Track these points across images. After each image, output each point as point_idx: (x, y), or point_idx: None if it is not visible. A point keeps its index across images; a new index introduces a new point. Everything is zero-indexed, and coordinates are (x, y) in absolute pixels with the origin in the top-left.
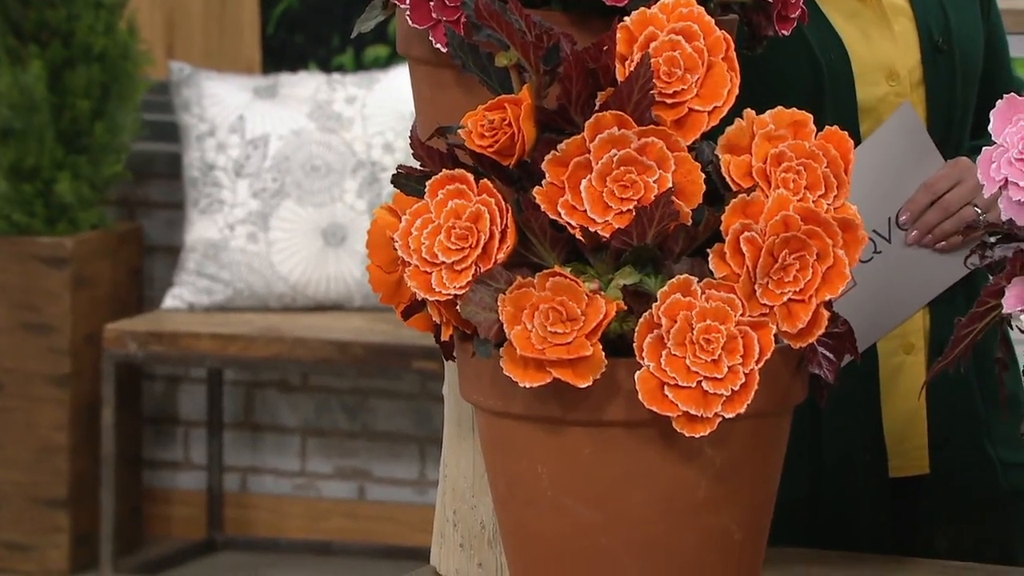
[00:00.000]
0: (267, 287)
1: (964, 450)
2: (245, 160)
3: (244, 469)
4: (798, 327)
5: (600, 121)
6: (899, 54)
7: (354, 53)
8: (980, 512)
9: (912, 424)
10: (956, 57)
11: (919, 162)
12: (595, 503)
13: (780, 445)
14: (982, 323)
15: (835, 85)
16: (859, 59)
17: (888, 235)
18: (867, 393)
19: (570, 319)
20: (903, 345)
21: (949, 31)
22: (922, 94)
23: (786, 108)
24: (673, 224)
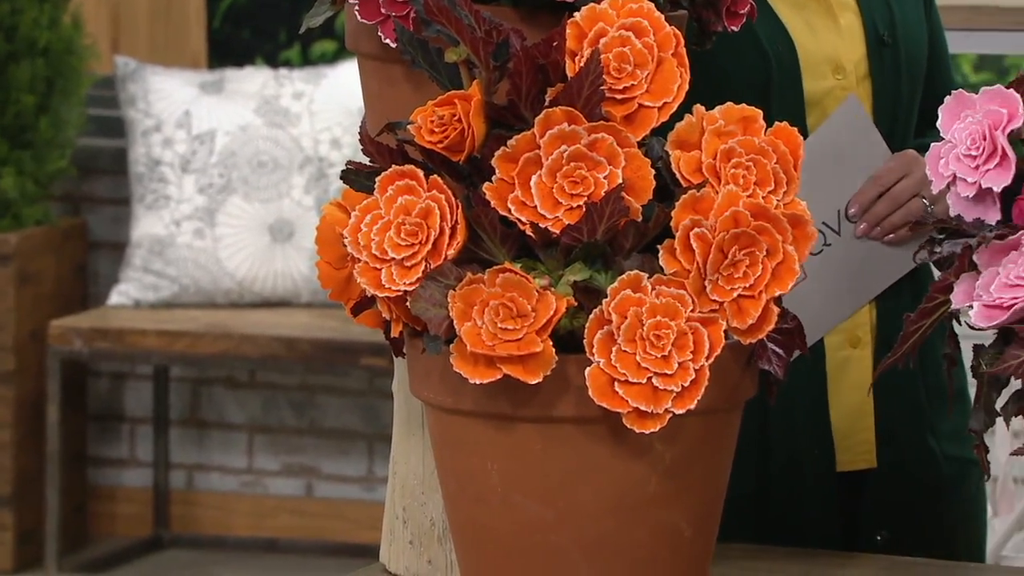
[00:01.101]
0: (214, 283)
1: (909, 444)
2: (191, 155)
3: (190, 466)
4: (748, 323)
5: (550, 117)
6: (845, 47)
7: (301, 48)
8: (924, 505)
9: (859, 418)
10: (901, 51)
11: (866, 154)
12: (545, 500)
13: (730, 441)
14: (931, 319)
15: (782, 78)
16: (806, 52)
17: (837, 228)
18: (814, 388)
19: (520, 315)
20: (850, 339)
21: (894, 25)
22: (868, 87)
23: (734, 101)
24: (623, 220)
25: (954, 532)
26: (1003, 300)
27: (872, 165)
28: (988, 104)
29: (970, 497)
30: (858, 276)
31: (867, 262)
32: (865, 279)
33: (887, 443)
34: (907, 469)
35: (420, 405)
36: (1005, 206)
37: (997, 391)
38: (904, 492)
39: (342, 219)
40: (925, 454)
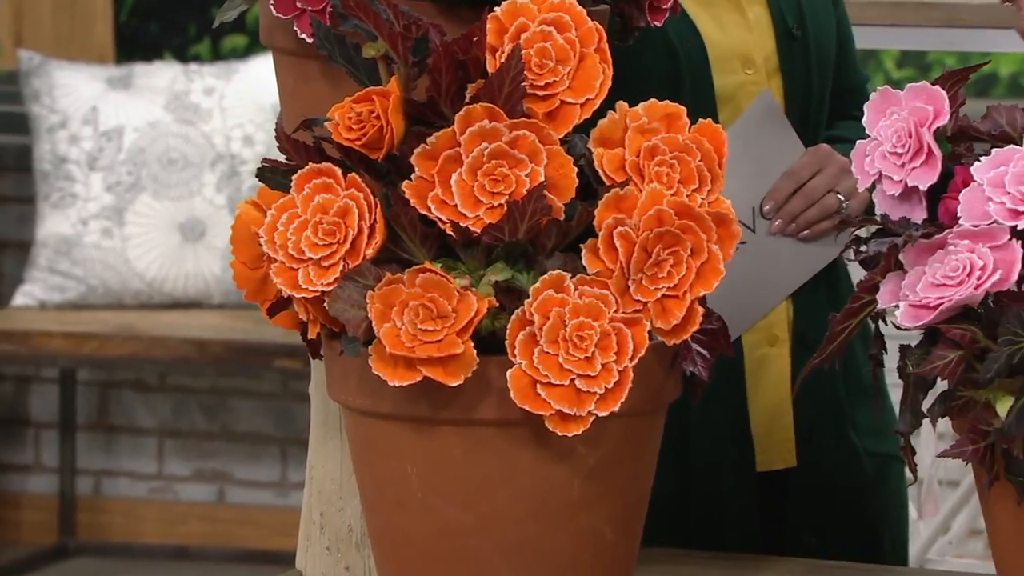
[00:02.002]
0: (122, 284)
1: (830, 441)
2: (99, 153)
3: (98, 472)
4: (672, 323)
5: (470, 114)
6: (754, 41)
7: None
8: (848, 502)
9: (778, 417)
10: (810, 44)
11: (780, 150)
12: (466, 504)
13: (653, 444)
14: (857, 319)
15: (692, 73)
16: (715, 47)
17: (753, 224)
18: (733, 387)
19: (440, 316)
20: (767, 337)
21: (803, 17)
22: (779, 82)
23: (645, 98)
24: (545, 219)
25: (878, 528)
26: (930, 300)
27: (786, 161)
28: (914, 101)
29: (892, 492)
30: (774, 273)
31: (783, 259)
32: (781, 276)
33: (809, 441)
34: (830, 467)
35: (338, 408)
36: (931, 205)
37: (923, 392)
38: (827, 490)
39: (257, 218)
40: (847, 451)
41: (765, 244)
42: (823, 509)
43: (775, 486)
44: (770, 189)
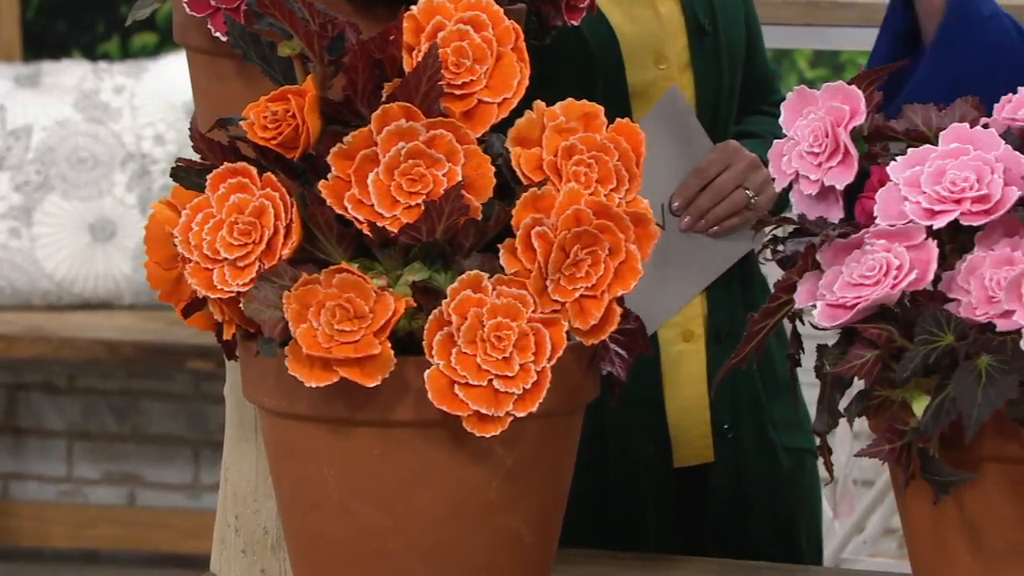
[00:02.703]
0: (31, 284)
1: (748, 437)
2: (6, 152)
3: (6, 475)
4: (590, 324)
5: (387, 113)
6: (666, 37)
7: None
8: (766, 497)
9: (695, 413)
10: (722, 40)
11: (689, 146)
12: (383, 506)
13: (571, 444)
14: (774, 318)
15: (605, 69)
16: (627, 42)
17: (662, 221)
18: (649, 383)
19: (357, 317)
20: (683, 333)
21: (714, 13)
22: (690, 77)
23: (559, 94)
24: (463, 219)
25: (796, 522)
26: (846, 299)
27: (695, 157)
28: (830, 101)
29: (808, 486)
30: (685, 270)
31: (694, 255)
32: (693, 272)
33: (726, 436)
34: (748, 462)
35: (253, 409)
36: (848, 204)
37: (840, 391)
38: (746, 485)
39: (172, 218)
40: (765, 446)
41: (675, 240)
42: (742, 504)
43: (694, 482)
44: (679, 186)
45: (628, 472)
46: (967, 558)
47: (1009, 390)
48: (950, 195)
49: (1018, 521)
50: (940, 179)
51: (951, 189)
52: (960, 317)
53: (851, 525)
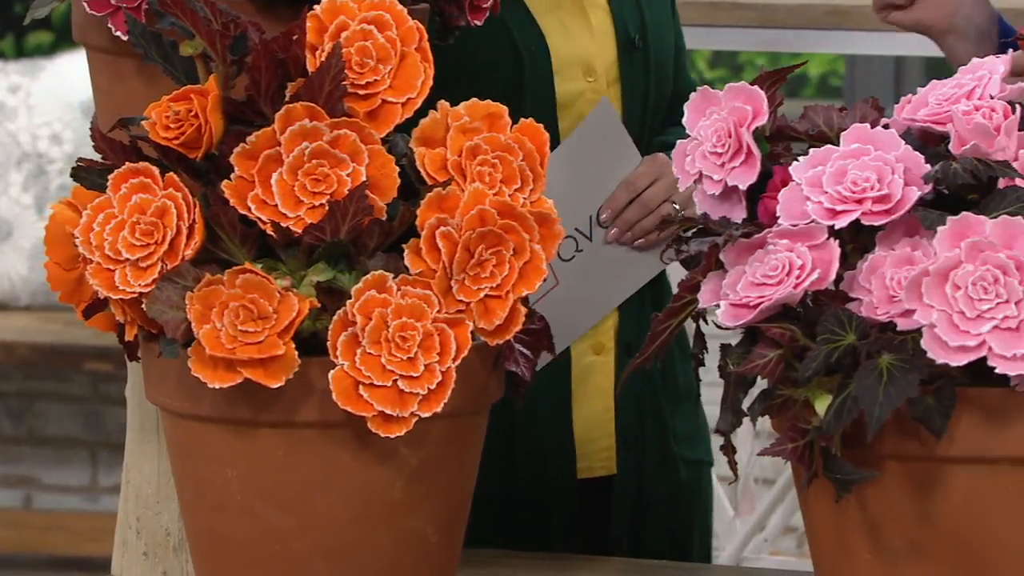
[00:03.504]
0: None
1: (650, 449)
2: None
3: None
4: (495, 323)
5: (291, 113)
6: (596, 49)
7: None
8: (665, 509)
9: (600, 425)
10: (651, 54)
11: (618, 159)
12: (287, 507)
13: (476, 444)
14: (678, 318)
15: (534, 78)
16: (558, 53)
17: (590, 233)
18: (558, 394)
19: (261, 317)
20: (593, 345)
21: (644, 28)
22: (618, 90)
23: (489, 97)
24: (367, 219)
25: (690, 534)
26: (749, 299)
27: (624, 170)
28: (733, 101)
29: (704, 497)
30: (608, 281)
31: (617, 267)
32: (614, 284)
33: (629, 449)
34: (649, 474)
35: (155, 411)
36: (751, 204)
37: (744, 391)
38: (647, 496)
39: (72, 218)
40: (666, 459)
41: (601, 253)
42: (642, 515)
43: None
44: (608, 198)
45: (535, 479)
46: (868, 556)
47: (910, 388)
48: (851, 195)
49: (918, 519)
50: (841, 179)
51: (852, 189)
52: (862, 316)
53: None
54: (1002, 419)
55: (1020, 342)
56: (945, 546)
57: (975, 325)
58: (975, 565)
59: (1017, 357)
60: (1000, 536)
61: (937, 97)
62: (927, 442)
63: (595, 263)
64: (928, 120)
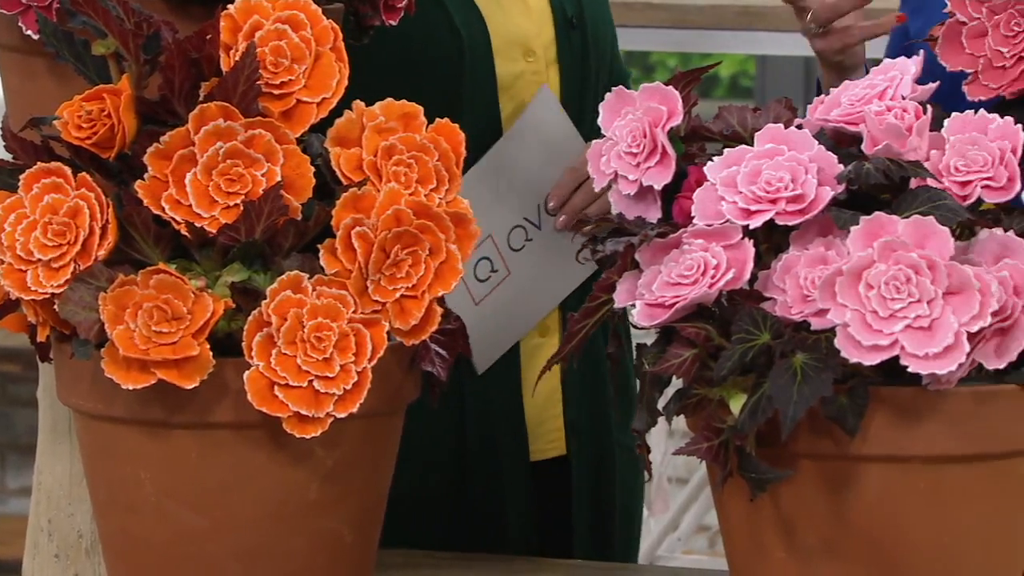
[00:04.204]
0: None
1: (595, 435)
2: None
3: None
4: (411, 324)
5: (205, 113)
6: (534, 29)
7: None
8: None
9: (549, 407)
10: (588, 35)
11: (562, 146)
12: (201, 508)
13: (392, 445)
14: (594, 318)
15: (474, 60)
16: (497, 34)
17: (538, 222)
18: (508, 376)
19: (175, 318)
20: (539, 328)
21: (581, 8)
22: (556, 71)
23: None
24: (282, 219)
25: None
26: (665, 299)
27: (568, 155)
28: (648, 101)
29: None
30: (561, 268)
31: (568, 254)
32: (567, 270)
33: (576, 434)
34: (594, 460)
35: (68, 412)
36: (666, 204)
37: (659, 390)
38: (592, 483)
39: None
40: (609, 445)
41: (551, 240)
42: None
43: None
44: (554, 185)
45: (488, 463)
46: (782, 555)
47: (824, 388)
48: (766, 195)
49: (832, 518)
50: (756, 179)
51: (766, 189)
52: (776, 316)
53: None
54: (914, 418)
55: (932, 341)
56: (858, 544)
57: (888, 324)
58: (887, 563)
59: (929, 356)
60: (912, 534)
61: (850, 98)
62: (840, 441)
63: (546, 251)
64: (841, 120)
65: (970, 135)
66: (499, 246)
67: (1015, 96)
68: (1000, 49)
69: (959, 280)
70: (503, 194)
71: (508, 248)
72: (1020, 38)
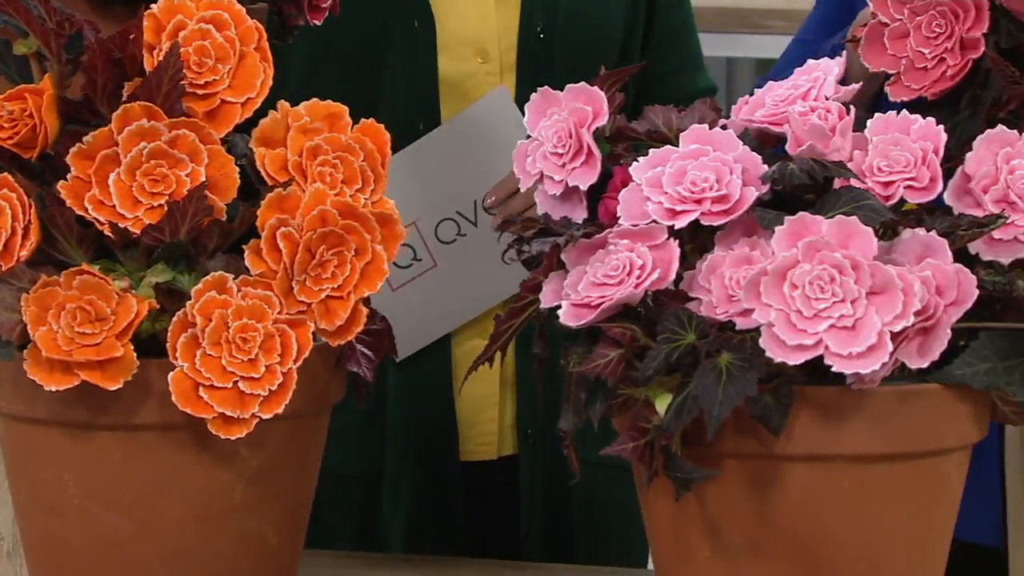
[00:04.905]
0: None
1: (546, 437)
2: None
3: None
4: (336, 324)
5: (128, 113)
6: (491, 33)
7: None
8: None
9: (483, 410)
10: (558, 47)
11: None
12: (125, 510)
13: (317, 446)
14: (520, 319)
15: (411, 51)
16: (447, 30)
17: (474, 218)
18: (441, 375)
19: (99, 319)
20: (479, 331)
21: (555, 19)
22: (512, 79)
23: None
24: (207, 220)
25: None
26: (591, 299)
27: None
28: (573, 101)
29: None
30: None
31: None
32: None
33: (526, 438)
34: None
35: None
36: (592, 204)
37: (586, 390)
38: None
39: None
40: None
41: (488, 240)
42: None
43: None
44: (495, 185)
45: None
46: (707, 554)
47: (748, 387)
48: (691, 195)
49: (756, 516)
50: (681, 180)
51: (691, 189)
52: (701, 316)
53: None
54: (838, 417)
55: (856, 341)
56: (783, 543)
57: (812, 324)
58: (812, 561)
59: (853, 356)
60: (836, 533)
61: (774, 98)
62: (765, 440)
63: (481, 250)
64: (765, 121)
65: (893, 136)
66: (424, 235)
67: (937, 97)
68: (922, 50)
69: (882, 280)
70: (434, 182)
71: (435, 239)
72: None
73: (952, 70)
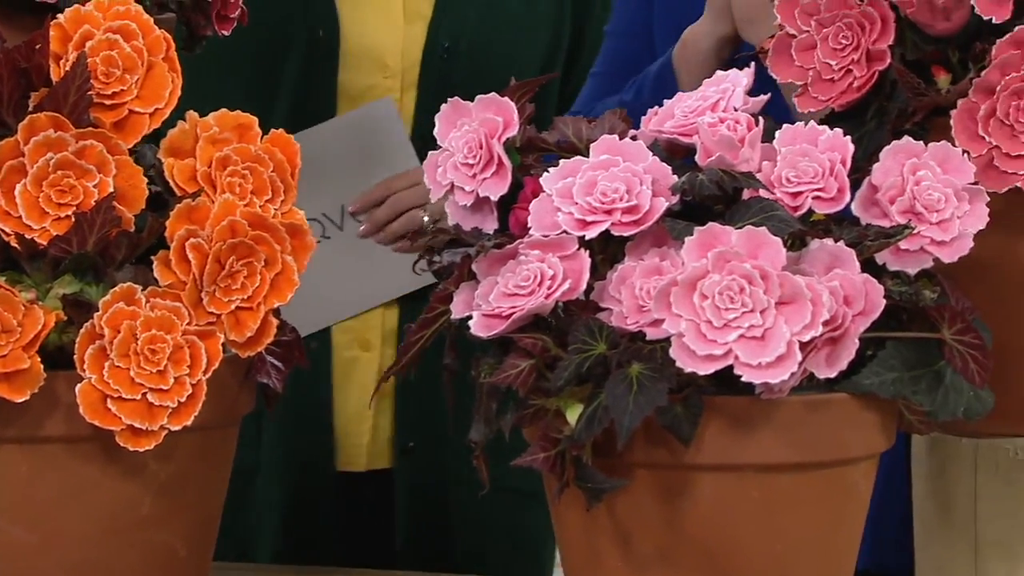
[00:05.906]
0: None
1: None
2: None
3: None
4: (246, 335)
5: (34, 123)
6: (396, 48)
7: None
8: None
9: (360, 421)
10: (460, 69)
11: (389, 159)
12: (31, 524)
13: (227, 458)
14: (431, 329)
15: (311, 61)
16: (351, 42)
17: (340, 222)
18: (318, 385)
19: (5, 331)
20: (359, 341)
21: (458, 43)
22: (413, 96)
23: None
24: (115, 230)
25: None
26: (502, 309)
27: (393, 170)
28: (484, 112)
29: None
30: (365, 277)
31: (377, 265)
32: (374, 282)
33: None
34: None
35: None
36: (502, 215)
37: (496, 401)
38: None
39: None
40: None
41: (354, 246)
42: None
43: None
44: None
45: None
46: (618, 563)
47: (659, 397)
48: (601, 206)
49: (666, 526)
50: (591, 190)
51: (602, 200)
52: (612, 326)
53: None
54: (747, 427)
55: (765, 351)
56: (692, 553)
57: (722, 334)
58: (721, 571)
59: (762, 365)
60: (745, 542)
61: (683, 109)
62: (676, 450)
63: (346, 255)
64: (675, 132)
65: (801, 147)
66: None
67: (844, 108)
68: (828, 62)
69: (791, 290)
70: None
71: None
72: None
73: (859, 82)
